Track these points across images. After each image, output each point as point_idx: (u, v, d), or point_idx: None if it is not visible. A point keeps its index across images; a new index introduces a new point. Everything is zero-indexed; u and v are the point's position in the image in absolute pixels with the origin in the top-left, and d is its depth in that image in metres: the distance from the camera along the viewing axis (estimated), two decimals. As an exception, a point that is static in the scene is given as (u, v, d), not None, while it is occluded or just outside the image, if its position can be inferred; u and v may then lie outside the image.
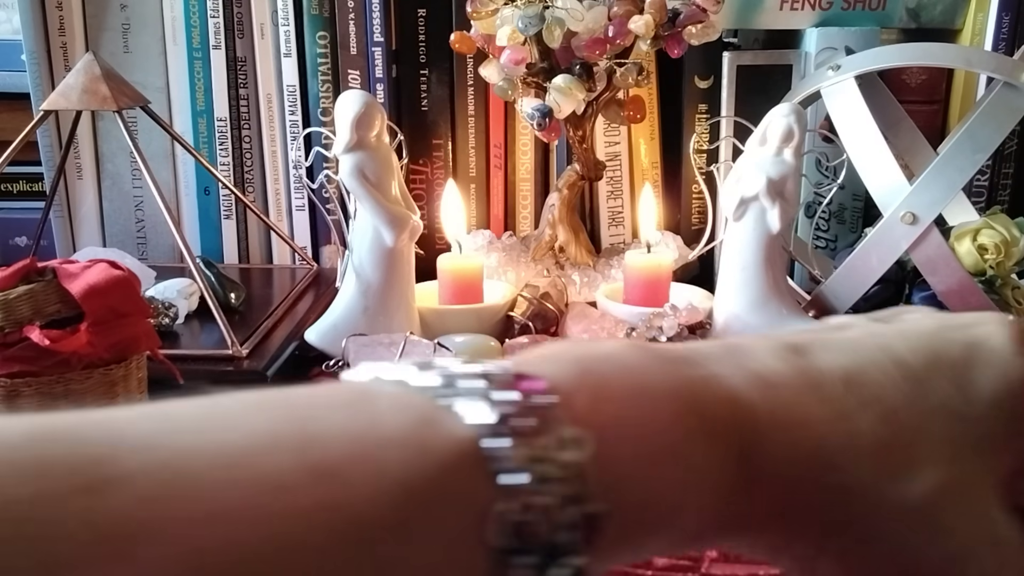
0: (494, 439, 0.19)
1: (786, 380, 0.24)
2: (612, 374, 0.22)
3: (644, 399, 0.22)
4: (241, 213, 0.87)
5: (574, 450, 0.19)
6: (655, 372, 0.23)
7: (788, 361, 0.25)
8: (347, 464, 0.18)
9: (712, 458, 0.22)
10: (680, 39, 0.72)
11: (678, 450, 0.22)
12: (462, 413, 0.19)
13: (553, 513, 0.19)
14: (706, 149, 0.86)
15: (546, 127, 0.71)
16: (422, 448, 0.18)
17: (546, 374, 0.21)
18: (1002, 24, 0.81)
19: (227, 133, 0.86)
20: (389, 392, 0.20)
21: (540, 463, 0.19)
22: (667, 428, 0.22)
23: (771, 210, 0.67)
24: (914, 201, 0.65)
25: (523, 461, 0.19)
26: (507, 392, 0.20)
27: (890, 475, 0.23)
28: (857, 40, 0.80)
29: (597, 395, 0.21)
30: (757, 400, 0.23)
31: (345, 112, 0.65)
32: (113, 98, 0.67)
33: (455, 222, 0.75)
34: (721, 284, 0.71)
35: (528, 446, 0.19)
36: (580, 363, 0.22)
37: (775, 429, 0.23)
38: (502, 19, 0.69)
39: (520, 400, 0.20)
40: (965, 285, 0.66)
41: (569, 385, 0.21)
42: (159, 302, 0.68)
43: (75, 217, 0.87)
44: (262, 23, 0.83)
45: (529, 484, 0.19)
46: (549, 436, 0.19)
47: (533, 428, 0.19)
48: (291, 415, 0.19)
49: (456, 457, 0.19)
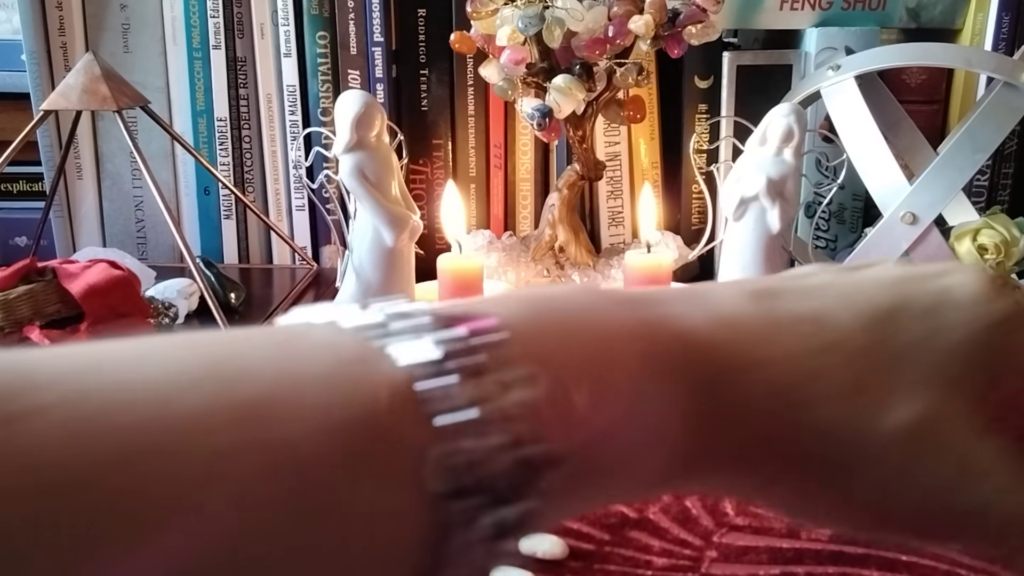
0: (437, 378, 0.18)
1: (749, 320, 0.24)
2: (565, 313, 0.22)
3: (598, 337, 0.21)
4: (241, 213, 0.87)
5: (525, 388, 0.19)
6: (609, 311, 0.22)
7: (752, 303, 0.24)
8: (272, 403, 0.17)
9: (671, 396, 0.22)
10: (680, 39, 0.72)
11: (635, 388, 0.21)
12: (399, 352, 0.18)
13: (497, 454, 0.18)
14: (706, 149, 0.86)
15: (546, 127, 0.71)
16: (350, 387, 0.18)
17: (496, 313, 0.20)
18: (1002, 24, 0.81)
19: (227, 133, 0.86)
20: (321, 333, 0.20)
21: (487, 402, 0.18)
22: (622, 366, 0.21)
23: (771, 210, 0.67)
24: (914, 201, 0.65)
25: (468, 400, 0.18)
26: (453, 329, 0.19)
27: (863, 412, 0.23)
28: (857, 40, 0.80)
29: (549, 333, 0.21)
30: (718, 339, 0.23)
31: (345, 112, 0.65)
32: (113, 98, 0.67)
33: (455, 223, 0.75)
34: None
35: (474, 384, 0.18)
36: (532, 303, 0.22)
37: (738, 367, 0.23)
38: (502, 19, 0.69)
39: (467, 336, 0.19)
40: (965, 285, 0.66)
41: (520, 323, 0.20)
42: (159, 302, 0.68)
43: (75, 217, 0.87)
44: (262, 23, 0.83)
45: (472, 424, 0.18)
46: (498, 374, 0.19)
47: (480, 365, 0.19)
48: (217, 352, 0.18)
49: (388, 397, 0.18)
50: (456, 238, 0.75)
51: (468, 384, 0.18)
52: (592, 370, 0.21)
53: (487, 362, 0.19)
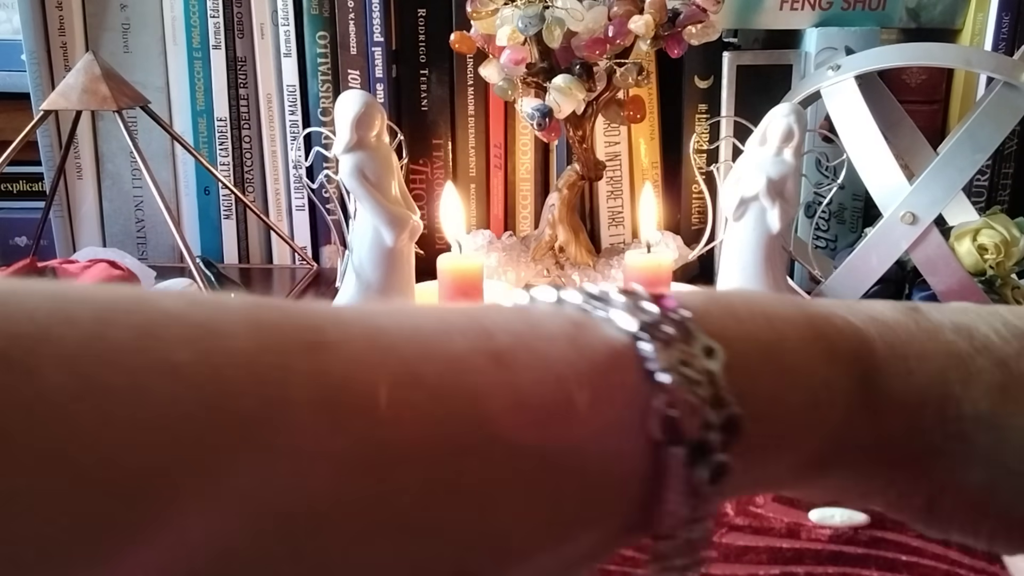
0: (642, 343, 0.21)
1: (900, 323, 0.25)
2: (739, 302, 0.24)
3: (770, 322, 0.23)
4: (241, 213, 0.87)
5: (710, 358, 0.21)
6: (779, 303, 0.24)
7: (901, 311, 0.26)
8: (524, 351, 0.20)
9: (835, 381, 0.23)
10: (680, 39, 0.72)
11: (804, 369, 0.23)
12: (612, 320, 0.21)
13: (699, 412, 0.20)
14: (706, 149, 0.86)
15: (546, 127, 0.71)
16: (579, 346, 0.20)
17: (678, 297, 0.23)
18: (1002, 24, 0.81)
19: (227, 133, 0.86)
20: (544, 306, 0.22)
21: (683, 366, 0.20)
22: (792, 348, 0.23)
23: (771, 210, 0.67)
24: (914, 201, 0.65)
25: (667, 362, 0.20)
26: (648, 304, 0.22)
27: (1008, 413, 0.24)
28: (857, 40, 0.80)
29: (726, 315, 0.23)
30: (875, 334, 0.25)
31: (345, 112, 0.65)
32: (113, 98, 0.67)
33: (454, 224, 0.75)
34: (721, 284, 0.71)
35: (670, 350, 0.21)
36: (708, 293, 0.24)
37: (894, 358, 0.24)
38: (502, 19, 0.69)
39: (659, 311, 0.21)
40: (965, 285, 0.66)
41: (699, 306, 0.22)
42: (159, 302, 0.68)
43: (75, 217, 0.87)
44: (262, 23, 0.83)
45: (677, 383, 0.20)
46: (688, 344, 0.21)
47: (674, 336, 0.21)
48: (475, 313, 0.21)
49: (610, 356, 0.20)
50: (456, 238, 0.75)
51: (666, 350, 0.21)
52: (763, 348, 0.23)
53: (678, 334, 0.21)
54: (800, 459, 0.23)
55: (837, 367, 0.23)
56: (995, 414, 0.24)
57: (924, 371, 0.24)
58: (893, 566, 0.43)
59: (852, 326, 0.25)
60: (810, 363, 0.23)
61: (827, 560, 0.43)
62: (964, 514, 0.25)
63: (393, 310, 0.20)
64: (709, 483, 0.20)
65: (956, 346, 0.25)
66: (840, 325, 0.24)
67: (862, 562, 0.43)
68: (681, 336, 0.21)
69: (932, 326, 0.26)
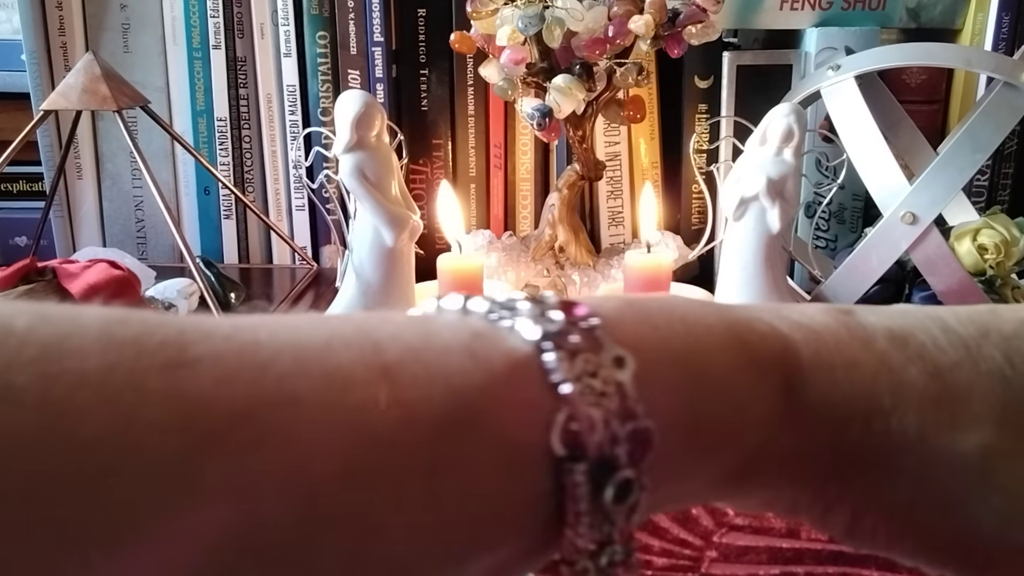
0: (545, 353, 0.20)
1: (830, 329, 0.24)
2: (657, 308, 0.23)
3: (689, 329, 0.22)
4: (241, 213, 0.87)
5: (619, 368, 0.20)
6: (699, 309, 0.23)
7: (834, 316, 0.25)
8: (411, 366, 0.19)
9: (756, 390, 0.22)
10: (680, 39, 0.72)
11: (722, 378, 0.22)
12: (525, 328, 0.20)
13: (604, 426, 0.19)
14: (706, 149, 0.86)
15: (546, 127, 0.71)
16: (476, 358, 0.19)
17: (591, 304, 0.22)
18: (1002, 24, 0.81)
19: (227, 133, 0.86)
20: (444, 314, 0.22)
21: (589, 377, 0.20)
22: (710, 356, 0.22)
23: (771, 210, 0.67)
24: (914, 201, 0.65)
25: (572, 374, 0.19)
26: (554, 312, 0.21)
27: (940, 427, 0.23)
28: (857, 40, 0.80)
29: (640, 323, 0.22)
30: (800, 341, 0.23)
31: (345, 112, 0.65)
32: (113, 98, 0.67)
33: (453, 223, 0.75)
34: (721, 284, 0.71)
35: (575, 361, 0.20)
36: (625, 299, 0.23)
37: (819, 368, 0.23)
38: (502, 19, 0.69)
39: (565, 320, 0.21)
40: (965, 285, 0.66)
41: (612, 313, 0.22)
42: (159, 302, 0.68)
43: (75, 217, 0.87)
44: (262, 23, 0.83)
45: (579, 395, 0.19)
46: (595, 353, 0.20)
47: (580, 345, 0.20)
48: (358, 325, 0.20)
49: (510, 368, 0.19)
50: (456, 238, 0.74)
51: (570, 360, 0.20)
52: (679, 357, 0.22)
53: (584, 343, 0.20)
54: (720, 471, 0.23)
55: (758, 376, 0.22)
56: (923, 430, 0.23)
57: (851, 381, 0.23)
58: (893, 566, 0.43)
59: (776, 332, 0.23)
60: (729, 372, 0.22)
61: (827, 560, 0.43)
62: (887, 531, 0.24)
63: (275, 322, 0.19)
64: (615, 501, 0.19)
65: (888, 355, 0.24)
66: (763, 331, 0.23)
67: (862, 562, 0.43)
68: (588, 345, 0.20)
69: (864, 333, 0.24)
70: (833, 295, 0.70)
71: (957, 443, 0.23)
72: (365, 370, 0.18)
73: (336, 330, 0.19)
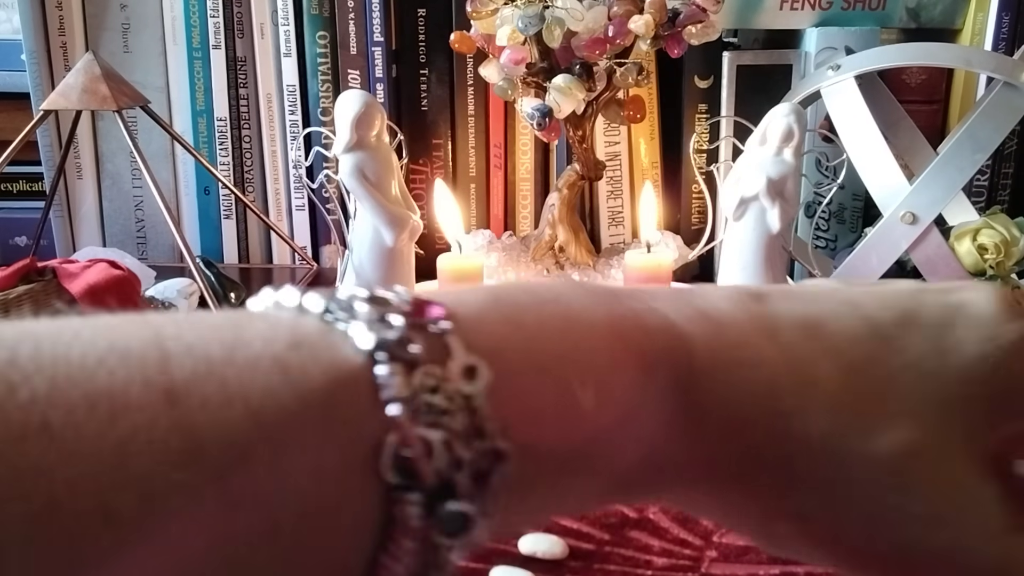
0: (378, 366, 0.17)
1: (734, 320, 0.22)
2: (528, 303, 0.20)
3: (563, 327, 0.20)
4: (241, 213, 0.87)
5: (469, 381, 0.18)
6: (581, 301, 0.21)
7: (740, 304, 0.22)
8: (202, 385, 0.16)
9: (641, 392, 0.20)
10: (680, 39, 0.72)
11: (600, 381, 0.20)
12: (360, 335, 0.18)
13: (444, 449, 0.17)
14: (706, 149, 0.86)
15: (546, 127, 0.71)
16: (288, 373, 0.17)
17: (448, 302, 0.19)
18: (1002, 24, 0.81)
19: (227, 133, 0.86)
20: (265, 316, 0.19)
21: (429, 393, 0.17)
22: (587, 357, 0.20)
23: (771, 210, 0.67)
24: (914, 201, 0.65)
25: (407, 390, 0.17)
26: (395, 316, 0.18)
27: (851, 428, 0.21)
28: (857, 40, 0.80)
29: (506, 321, 0.19)
30: (698, 335, 0.21)
31: (345, 112, 0.65)
32: (113, 98, 0.67)
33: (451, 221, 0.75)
34: (721, 284, 0.71)
35: (414, 375, 0.17)
36: (493, 292, 0.20)
37: (717, 366, 0.21)
38: (502, 19, 0.69)
39: (408, 325, 0.18)
40: (965, 285, 0.66)
41: (472, 312, 0.19)
42: (159, 302, 0.68)
43: (75, 217, 0.87)
44: (262, 23, 0.83)
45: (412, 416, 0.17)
46: (440, 364, 0.18)
47: (420, 356, 0.18)
48: (152, 333, 0.17)
49: (331, 384, 0.17)
50: (456, 238, 0.74)
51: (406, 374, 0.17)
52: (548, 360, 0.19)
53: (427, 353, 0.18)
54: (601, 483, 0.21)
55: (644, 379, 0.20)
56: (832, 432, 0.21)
57: (750, 381, 0.21)
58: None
59: (668, 327, 0.21)
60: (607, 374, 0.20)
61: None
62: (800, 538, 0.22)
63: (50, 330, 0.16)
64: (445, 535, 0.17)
65: (795, 349, 0.22)
66: (654, 326, 0.21)
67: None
68: (433, 354, 0.18)
69: (770, 323, 0.22)
70: (833, 295, 0.70)
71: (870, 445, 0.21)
72: (143, 391, 0.15)
73: (120, 339, 0.16)
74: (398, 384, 0.17)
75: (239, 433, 0.16)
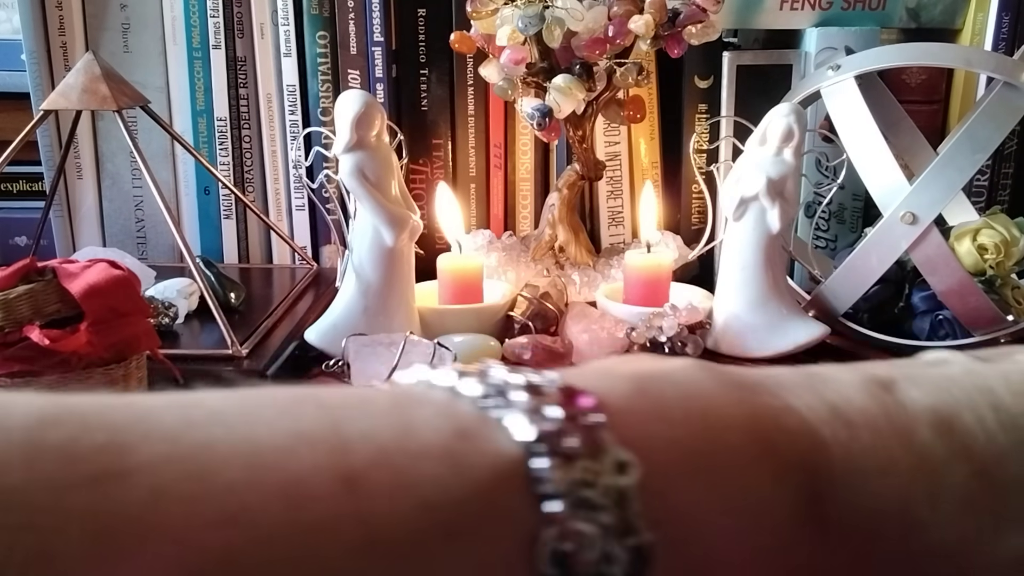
0: (535, 459, 0.17)
1: (869, 419, 0.21)
2: (671, 395, 0.20)
3: (706, 425, 0.20)
4: (241, 213, 0.87)
5: (621, 475, 0.18)
6: (721, 397, 0.20)
7: (873, 396, 0.21)
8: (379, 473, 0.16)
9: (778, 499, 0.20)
10: (680, 39, 0.72)
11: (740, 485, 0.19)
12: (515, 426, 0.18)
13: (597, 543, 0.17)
14: (706, 149, 0.86)
15: (546, 127, 0.71)
16: (456, 464, 0.17)
17: (598, 390, 0.19)
18: (1002, 24, 0.81)
19: (227, 133, 0.86)
20: (431, 400, 0.19)
21: (584, 487, 0.17)
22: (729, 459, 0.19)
23: (771, 210, 0.67)
24: (914, 201, 0.65)
25: (564, 484, 0.17)
26: (551, 408, 0.18)
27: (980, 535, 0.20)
28: (857, 40, 0.80)
29: (652, 416, 0.19)
30: (833, 440, 0.20)
31: (345, 112, 0.65)
32: (113, 98, 0.67)
33: (452, 223, 0.75)
34: (721, 284, 0.71)
35: (570, 468, 0.17)
36: (637, 380, 0.20)
37: (852, 474, 0.20)
38: (502, 19, 0.69)
39: (564, 417, 0.18)
40: (965, 285, 0.66)
41: (621, 403, 0.19)
42: (159, 302, 0.68)
43: (75, 217, 0.87)
44: (262, 23, 0.83)
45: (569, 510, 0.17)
46: (595, 459, 0.18)
47: (577, 449, 0.18)
48: (325, 416, 0.17)
49: (494, 477, 0.17)
50: (456, 238, 0.75)
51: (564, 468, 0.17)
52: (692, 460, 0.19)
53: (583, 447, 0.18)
54: None
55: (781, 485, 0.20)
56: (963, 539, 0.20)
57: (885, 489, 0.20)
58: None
59: (807, 428, 0.20)
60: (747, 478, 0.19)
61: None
62: None
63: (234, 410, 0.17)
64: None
65: (930, 451, 0.21)
66: (792, 428, 0.20)
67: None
68: (587, 448, 0.18)
69: (905, 420, 0.21)
70: (833, 295, 0.70)
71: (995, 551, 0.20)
72: (327, 479, 0.16)
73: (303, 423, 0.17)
74: (557, 478, 0.17)
75: (411, 522, 0.16)
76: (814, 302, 0.72)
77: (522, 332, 0.70)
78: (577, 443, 0.18)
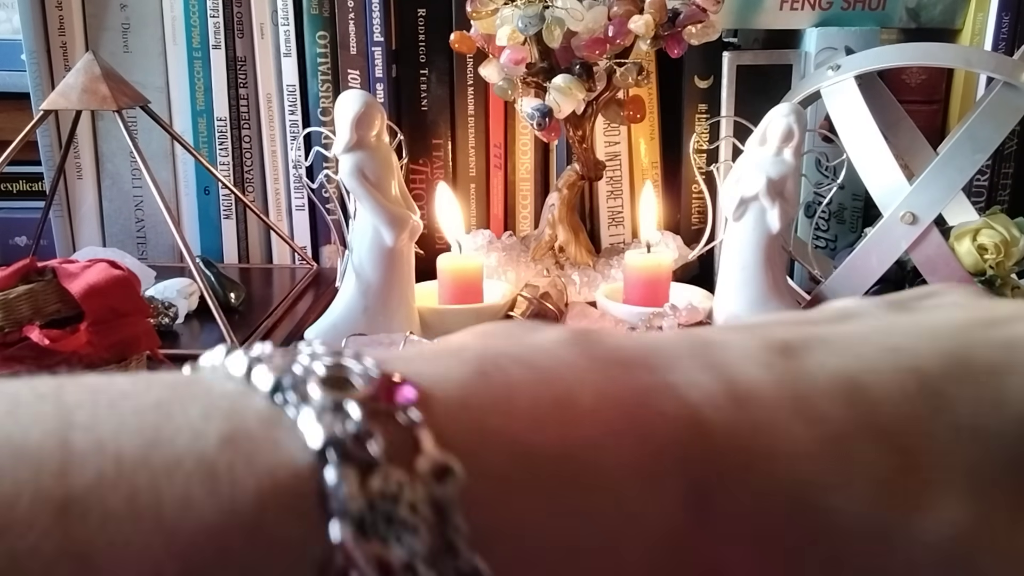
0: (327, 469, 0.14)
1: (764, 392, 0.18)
2: (520, 379, 0.17)
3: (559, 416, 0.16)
4: (241, 213, 0.87)
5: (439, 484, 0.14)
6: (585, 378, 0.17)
7: (771, 366, 0.19)
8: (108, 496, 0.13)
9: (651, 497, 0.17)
10: (680, 39, 0.72)
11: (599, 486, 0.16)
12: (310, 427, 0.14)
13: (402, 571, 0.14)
14: (706, 149, 0.86)
15: (546, 127, 0.71)
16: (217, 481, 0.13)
17: (429, 377, 0.16)
18: (1002, 24, 0.81)
19: (227, 133, 0.86)
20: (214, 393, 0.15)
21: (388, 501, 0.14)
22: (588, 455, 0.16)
23: (771, 210, 0.67)
24: (914, 201, 0.65)
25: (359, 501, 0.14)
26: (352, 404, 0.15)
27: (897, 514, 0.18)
28: (857, 40, 0.80)
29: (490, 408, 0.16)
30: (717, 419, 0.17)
31: (345, 112, 0.65)
32: (113, 98, 0.67)
33: (451, 223, 0.75)
34: (721, 284, 0.71)
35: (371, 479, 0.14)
36: (481, 363, 0.17)
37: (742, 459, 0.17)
38: (502, 19, 0.69)
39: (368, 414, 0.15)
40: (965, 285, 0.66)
41: (453, 393, 0.16)
42: (159, 302, 0.68)
43: (75, 217, 0.87)
44: (262, 23, 0.83)
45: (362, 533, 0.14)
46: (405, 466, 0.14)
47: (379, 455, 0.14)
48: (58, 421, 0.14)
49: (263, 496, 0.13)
50: (456, 238, 0.74)
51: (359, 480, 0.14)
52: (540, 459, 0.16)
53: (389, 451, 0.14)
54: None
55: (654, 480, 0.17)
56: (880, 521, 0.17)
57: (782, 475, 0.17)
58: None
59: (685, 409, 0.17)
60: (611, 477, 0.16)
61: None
62: None
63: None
64: None
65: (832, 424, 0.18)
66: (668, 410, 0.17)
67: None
68: (396, 452, 0.14)
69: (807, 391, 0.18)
70: (833, 295, 0.70)
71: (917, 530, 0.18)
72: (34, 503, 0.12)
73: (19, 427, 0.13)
74: (348, 493, 0.14)
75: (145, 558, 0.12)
76: (814, 302, 0.72)
77: (522, 332, 0.69)
78: (381, 448, 0.14)
